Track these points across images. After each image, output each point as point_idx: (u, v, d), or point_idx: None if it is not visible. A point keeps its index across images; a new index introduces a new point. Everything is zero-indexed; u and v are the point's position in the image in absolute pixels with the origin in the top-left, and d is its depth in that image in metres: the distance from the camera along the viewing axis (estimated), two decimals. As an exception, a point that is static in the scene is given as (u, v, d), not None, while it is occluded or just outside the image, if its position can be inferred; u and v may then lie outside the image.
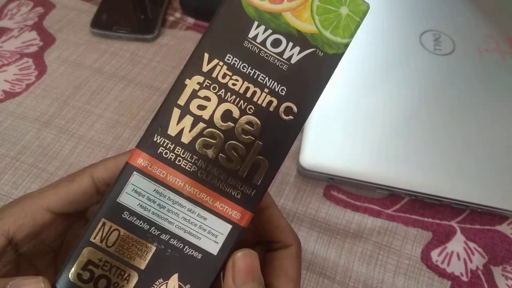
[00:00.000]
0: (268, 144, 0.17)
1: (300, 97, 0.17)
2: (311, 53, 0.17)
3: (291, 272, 0.20)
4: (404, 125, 0.36)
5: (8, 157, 0.35)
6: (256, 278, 0.18)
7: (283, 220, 0.22)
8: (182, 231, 0.17)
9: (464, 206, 0.34)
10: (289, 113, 0.17)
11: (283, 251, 0.21)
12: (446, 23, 0.44)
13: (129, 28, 0.44)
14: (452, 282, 0.31)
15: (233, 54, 0.17)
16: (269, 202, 0.22)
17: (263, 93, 0.17)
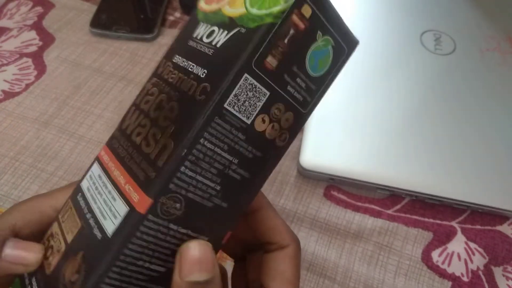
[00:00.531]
0: (179, 126, 0.17)
1: (216, 76, 0.17)
2: (235, 33, 0.17)
3: (288, 274, 0.20)
4: (404, 125, 0.36)
5: (7, 157, 0.35)
6: (204, 268, 0.17)
7: (278, 220, 0.21)
8: (98, 211, 0.17)
9: (464, 207, 0.34)
10: (202, 93, 0.17)
11: (279, 252, 0.20)
12: (447, 23, 0.44)
13: (128, 28, 0.44)
14: (453, 282, 0.31)
15: (178, 54, 0.18)
16: (262, 203, 0.21)
17: (188, 80, 0.17)
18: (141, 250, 0.17)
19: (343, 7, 0.46)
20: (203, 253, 0.17)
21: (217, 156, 0.17)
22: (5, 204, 0.32)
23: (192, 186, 0.17)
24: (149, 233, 0.16)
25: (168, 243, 0.17)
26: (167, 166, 0.16)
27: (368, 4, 0.46)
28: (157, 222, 0.16)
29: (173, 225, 0.17)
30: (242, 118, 0.17)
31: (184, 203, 0.17)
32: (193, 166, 0.16)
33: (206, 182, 0.17)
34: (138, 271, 0.17)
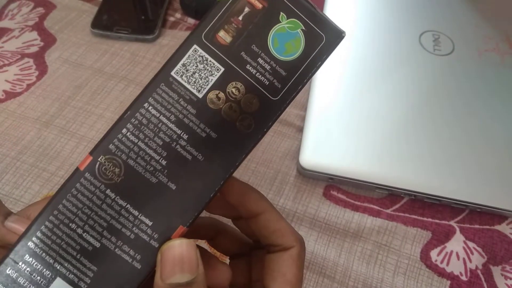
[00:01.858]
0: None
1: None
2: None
3: (289, 276, 0.19)
4: (403, 125, 0.36)
5: (9, 157, 0.35)
6: (187, 269, 0.16)
7: (282, 222, 0.20)
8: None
9: (463, 206, 0.34)
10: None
11: (282, 254, 0.20)
12: (446, 23, 0.45)
13: (129, 29, 0.44)
14: (452, 281, 0.31)
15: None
16: (264, 207, 0.20)
17: None
18: (75, 210, 0.16)
19: (343, 8, 0.46)
20: (186, 252, 0.16)
21: (163, 126, 0.16)
22: (6, 204, 0.33)
23: (133, 152, 0.16)
24: (85, 193, 0.16)
25: (104, 212, 0.16)
26: (111, 127, 0.16)
27: (367, 4, 0.46)
28: (94, 183, 0.16)
29: (111, 192, 0.16)
30: (192, 90, 0.16)
31: (124, 169, 0.16)
32: (136, 130, 0.16)
33: (149, 152, 0.16)
34: (70, 235, 0.16)
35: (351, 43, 0.42)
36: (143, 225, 0.17)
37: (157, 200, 0.17)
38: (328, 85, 0.39)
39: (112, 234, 0.16)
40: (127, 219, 0.17)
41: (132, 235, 0.17)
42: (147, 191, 0.17)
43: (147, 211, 0.17)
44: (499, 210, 0.33)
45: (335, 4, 0.46)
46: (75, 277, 0.16)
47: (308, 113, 0.37)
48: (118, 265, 0.17)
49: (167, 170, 0.17)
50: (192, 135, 0.17)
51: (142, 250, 0.17)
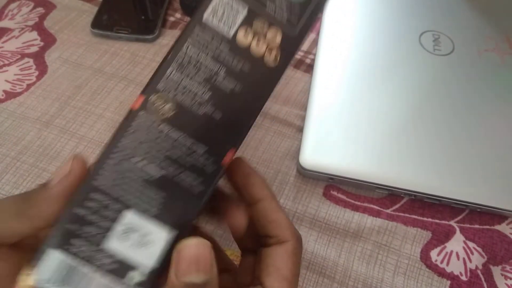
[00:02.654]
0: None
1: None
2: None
3: (284, 271, 0.19)
4: (403, 125, 0.37)
5: (9, 157, 0.35)
6: (202, 269, 0.16)
7: (280, 213, 0.20)
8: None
9: (463, 206, 0.34)
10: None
11: (277, 247, 0.19)
12: (446, 23, 0.45)
13: (129, 29, 0.44)
14: (452, 281, 0.31)
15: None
16: (264, 195, 0.20)
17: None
18: (134, 145, 0.18)
19: (343, 8, 0.46)
20: (202, 252, 0.16)
21: (202, 63, 0.19)
22: (7, 203, 0.33)
23: (180, 88, 0.18)
24: (142, 129, 0.18)
25: (161, 145, 0.18)
26: (157, 68, 0.18)
27: (367, 4, 0.46)
28: (149, 118, 0.18)
29: (164, 126, 0.18)
30: (223, 30, 0.19)
31: (174, 104, 0.18)
32: (179, 69, 0.18)
33: (193, 87, 0.18)
34: (132, 169, 0.18)
35: (352, 43, 0.42)
36: (196, 154, 0.18)
37: (207, 129, 0.19)
38: (328, 85, 0.39)
39: (170, 164, 0.18)
40: (182, 149, 0.18)
41: (188, 163, 0.18)
42: (196, 122, 0.18)
43: (199, 140, 0.19)
44: (499, 210, 0.33)
45: (335, 4, 0.46)
46: (141, 207, 0.18)
47: (308, 113, 0.37)
48: (180, 191, 0.18)
49: (210, 102, 0.19)
50: (228, 69, 0.19)
51: (199, 175, 0.18)
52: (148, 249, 0.18)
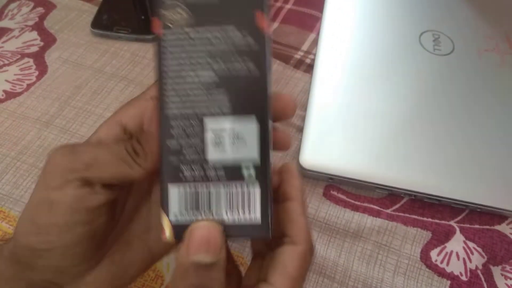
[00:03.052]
0: None
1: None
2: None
3: (291, 269, 0.19)
4: (403, 125, 0.37)
5: (9, 157, 0.35)
6: (211, 250, 0.17)
7: (302, 218, 0.20)
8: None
9: (463, 206, 0.34)
10: None
11: (288, 247, 0.20)
12: (446, 23, 0.45)
13: (129, 29, 0.44)
14: (452, 281, 0.31)
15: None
16: (294, 196, 0.21)
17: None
18: (177, 62, 0.19)
19: (343, 8, 0.46)
20: (212, 234, 0.18)
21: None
22: (7, 203, 0.33)
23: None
24: (174, 44, 0.18)
25: (198, 46, 0.19)
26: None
27: (367, 4, 0.46)
28: (173, 32, 0.18)
29: (191, 30, 0.19)
30: None
31: (186, 6, 0.19)
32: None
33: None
34: (189, 82, 0.19)
35: (351, 43, 0.42)
36: (230, 33, 0.19)
37: (224, 6, 0.19)
38: (328, 85, 0.39)
39: (215, 58, 0.18)
40: (216, 38, 0.18)
41: (230, 46, 0.18)
42: (211, 5, 0.18)
43: (225, 20, 0.19)
44: (499, 210, 0.33)
45: (335, 4, 0.46)
46: (217, 109, 0.18)
47: (308, 113, 0.37)
48: (239, 77, 0.18)
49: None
50: None
51: (246, 53, 0.18)
52: (245, 143, 0.18)
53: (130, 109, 0.21)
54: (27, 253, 0.19)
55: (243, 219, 0.19)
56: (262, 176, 0.19)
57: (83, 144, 0.20)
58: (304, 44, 0.45)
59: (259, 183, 0.19)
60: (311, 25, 0.47)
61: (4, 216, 0.32)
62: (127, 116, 0.21)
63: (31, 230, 0.19)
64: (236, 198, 0.19)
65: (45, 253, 0.19)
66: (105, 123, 0.21)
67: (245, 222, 0.19)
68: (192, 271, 0.17)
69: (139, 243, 0.22)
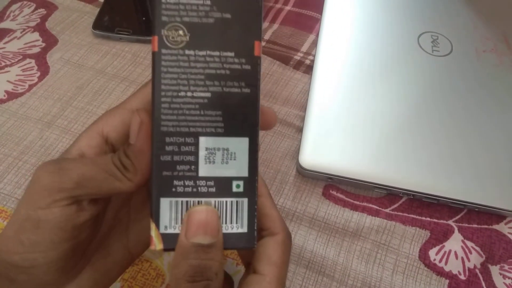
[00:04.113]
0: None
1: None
2: None
3: (275, 258, 0.20)
4: (402, 125, 0.37)
5: (11, 157, 0.35)
6: (209, 232, 0.18)
7: (274, 210, 0.22)
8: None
9: (461, 206, 0.34)
10: None
11: (269, 238, 0.21)
12: (444, 24, 0.45)
13: (130, 30, 0.45)
14: (450, 280, 0.31)
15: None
16: (262, 192, 0.22)
17: None
18: (175, 82, 0.19)
19: (342, 9, 0.46)
20: (210, 217, 0.19)
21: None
22: (8, 203, 0.33)
23: (181, 9, 0.19)
24: (172, 65, 0.19)
25: (196, 68, 0.19)
26: (152, 6, 0.19)
27: (366, 5, 0.47)
28: (173, 53, 0.19)
29: (188, 50, 0.19)
30: None
31: (185, 27, 0.19)
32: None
33: (193, 2, 0.19)
34: (185, 101, 0.19)
35: (350, 44, 0.43)
36: (229, 59, 0.19)
37: (225, 33, 0.19)
38: (327, 86, 0.39)
39: (212, 80, 0.19)
40: (214, 62, 0.19)
41: (227, 71, 0.19)
42: (212, 31, 0.19)
43: (225, 46, 0.19)
44: (497, 209, 0.34)
45: (334, 5, 0.46)
46: (212, 129, 0.19)
47: (308, 114, 0.37)
48: (234, 99, 0.19)
49: (215, 6, 0.19)
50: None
51: (242, 78, 0.19)
52: (236, 160, 0.19)
53: (111, 119, 0.21)
54: (9, 269, 0.19)
55: (231, 231, 0.20)
56: (250, 190, 0.20)
57: (69, 161, 0.20)
58: (304, 45, 0.45)
59: (247, 197, 0.20)
60: (310, 27, 0.47)
61: (6, 216, 0.32)
62: (108, 126, 0.21)
63: (15, 248, 0.19)
64: (225, 212, 0.20)
65: (28, 270, 0.19)
66: (85, 133, 0.21)
67: (232, 233, 0.20)
68: (192, 252, 0.18)
69: (119, 247, 0.23)
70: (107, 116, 0.22)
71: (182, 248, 0.18)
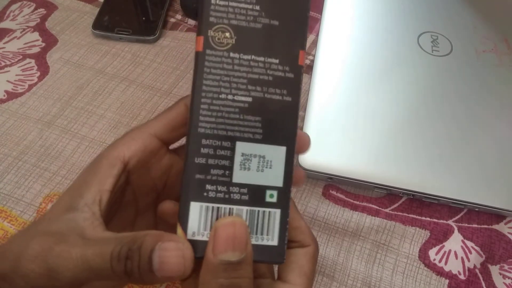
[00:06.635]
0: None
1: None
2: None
3: (306, 269, 0.20)
4: (402, 125, 0.37)
5: (10, 156, 0.35)
6: (238, 247, 0.17)
7: (302, 221, 0.22)
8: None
9: (461, 205, 0.34)
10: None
11: (300, 249, 0.21)
12: (444, 24, 0.45)
13: (130, 30, 0.45)
14: (450, 280, 0.31)
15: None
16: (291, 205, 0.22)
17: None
18: (216, 83, 0.19)
19: (342, 9, 0.46)
20: (238, 231, 0.17)
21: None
22: (8, 203, 0.33)
23: (230, 12, 0.19)
24: (216, 66, 0.19)
25: (239, 72, 0.19)
26: (201, 5, 0.19)
27: (366, 5, 0.47)
28: (217, 54, 0.19)
29: (233, 53, 0.19)
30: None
31: (232, 30, 0.19)
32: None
33: (242, 5, 0.19)
34: (225, 104, 0.19)
35: (350, 44, 0.43)
36: (273, 65, 0.19)
37: (271, 39, 0.19)
38: (327, 86, 0.39)
39: (255, 85, 0.19)
40: (258, 67, 0.19)
41: (270, 77, 0.19)
42: (258, 36, 0.19)
43: (270, 52, 0.19)
44: (497, 209, 0.34)
45: (334, 5, 0.46)
46: (250, 134, 0.19)
47: (308, 114, 0.37)
48: (275, 106, 0.19)
49: (263, 12, 0.19)
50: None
51: (284, 86, 0.19)
52: (272, 170, 0.19)
53: (133, 144, 0.21)
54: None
55: (261, 243, 0.19)
56: (283, 201, 0.19)
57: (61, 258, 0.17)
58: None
59: (280, 208, 0.19)
60: (310, 26, 0.47)
61: (6, 216, 0.32)
62: (129, 152, 0.20)
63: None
64: (256, 222, 0.19)
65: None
66: (107, 157, 0.20)
67: (262, 245, 0.19)
68: (221, 271, 0.17)
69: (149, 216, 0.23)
70: (129, 140, 0.21)
71: (211, 265, 0.17)
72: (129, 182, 0.21)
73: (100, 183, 0.19)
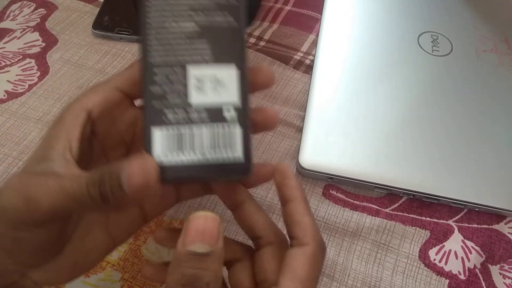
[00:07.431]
0: None
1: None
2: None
3: (299, 272, 0.19)
4: (402, 125, 0.37)
5: (10, 156, 0.35)
6: (207, 240, 0.17)
7: (306, 217, 0.20)
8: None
9: (461, 205, 0.34)
10: None
11: (296, 249, 0.20)
12: (444, 24, 0.45)
13: (130, 30, 0.45)
14: (450, 280, 0.31)
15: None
16: (294, 195, 0.21)
17: None
18: (158, 13, 0.20)
19: (342, 9, 0.46)
20: (209, 225, 0.18)
21: None
22: (9, 202, 0.33)
23: None
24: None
25: (179, 0, 0.20)
26: None
27: (366, 5, 0.47)
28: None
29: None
30: None
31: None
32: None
33: None
34: (170, 31, 0.20)
35: (350, 44, 0.43)
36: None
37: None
38: (327, 86, 0.39)
39: (197, 12, 0.20)
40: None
41: (213, 2, 0.20)
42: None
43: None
44: (497, 209, 0.34)
45: (334, 5, 0.46)
46: (199, 57, 0.20)
47: (308, 114, 0.37)
48: (219, 27, 0.20)
49: None
50: None
51: (229, 11, 0.20)
52: (226, 88, 0.20)
53: (94, 96, 0.21)
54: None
55: (226, 158, 0.19)
56: (242, 118, 0.20)
57: (38, 186, 0.18)
58: (304, 45, 0.45)
59: (239, 124, 0.20)
60: (310, 26, 0.47)
61: (6, 215, 0.32)
62: (91, 102, 0.21)
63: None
64: (218, 138, 0.20)
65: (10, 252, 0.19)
66: (71, 109, 0.21)
67: (228, 161, 0.19)
68: (186, 261, 0.17)
69: (99, 228, 0.22)
70: (91, 93, 0.22)
71: (178, 255, 0.17)
72: (96, 133, 0.22)
73: (68, 133, 0.20)
